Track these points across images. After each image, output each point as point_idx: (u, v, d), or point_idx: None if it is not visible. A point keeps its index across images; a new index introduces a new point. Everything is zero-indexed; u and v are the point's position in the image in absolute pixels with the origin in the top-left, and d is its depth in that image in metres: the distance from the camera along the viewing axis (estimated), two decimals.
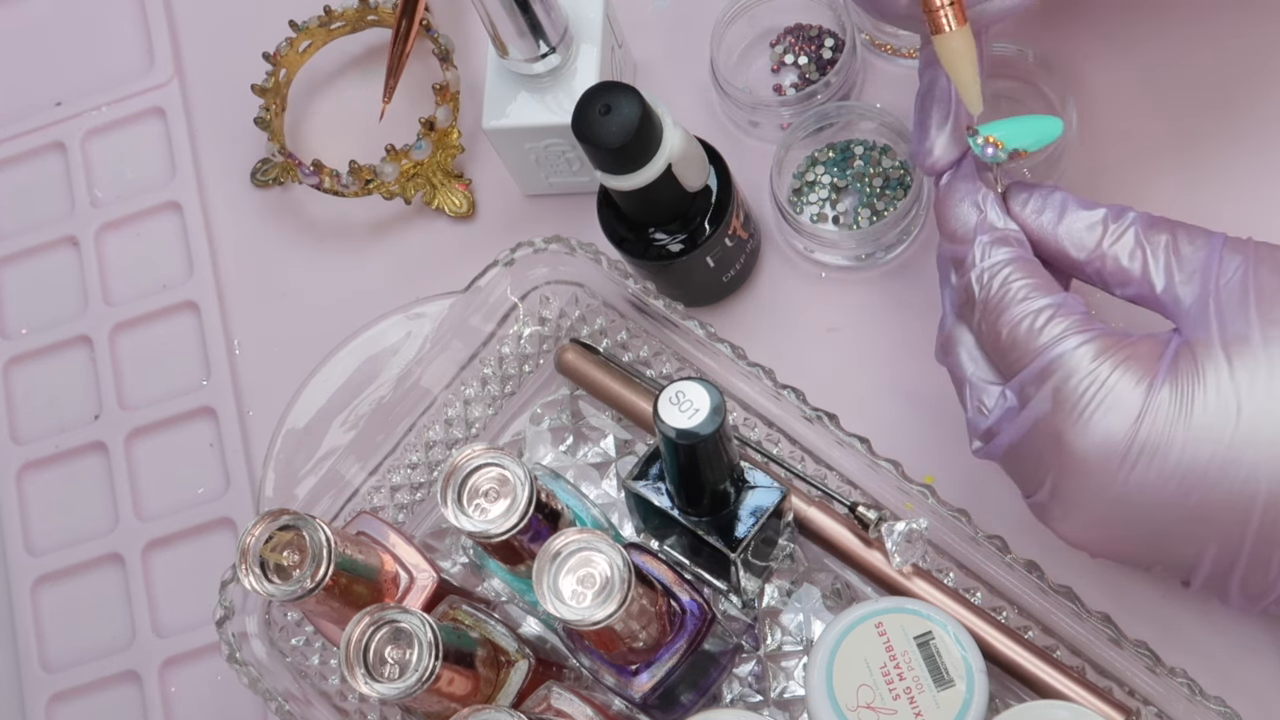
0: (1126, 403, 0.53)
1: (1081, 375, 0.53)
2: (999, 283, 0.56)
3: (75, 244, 0.81)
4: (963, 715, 0.54)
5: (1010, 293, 0.55)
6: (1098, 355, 0.53)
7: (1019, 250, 0.56)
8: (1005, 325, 0.55)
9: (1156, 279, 0.55)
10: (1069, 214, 0.57)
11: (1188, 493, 0.52)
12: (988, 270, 0.56)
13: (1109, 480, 0.53)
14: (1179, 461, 0.52)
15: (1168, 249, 0.55)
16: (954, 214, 0.58)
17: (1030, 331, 0.55)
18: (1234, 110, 0.69)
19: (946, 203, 0.58)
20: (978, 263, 0.56)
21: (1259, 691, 0.61)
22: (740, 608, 0.65)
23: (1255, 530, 0.52)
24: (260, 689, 0.61)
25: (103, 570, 0.75)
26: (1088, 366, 0.53)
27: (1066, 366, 0.54)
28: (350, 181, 0.74)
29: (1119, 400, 0.53)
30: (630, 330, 0.67)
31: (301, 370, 0.67)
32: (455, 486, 0.56)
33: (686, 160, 0.63)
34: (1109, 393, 0.53)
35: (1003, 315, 0.55)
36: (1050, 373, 0.54)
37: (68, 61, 0.85)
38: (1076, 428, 0.53)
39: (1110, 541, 0.55)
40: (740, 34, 0.74)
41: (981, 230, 0.57)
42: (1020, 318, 0.55)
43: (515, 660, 0.61)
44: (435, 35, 0.75)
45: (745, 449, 0.63)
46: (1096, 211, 0.57)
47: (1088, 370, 0.53)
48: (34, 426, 0.79)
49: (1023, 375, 0.55)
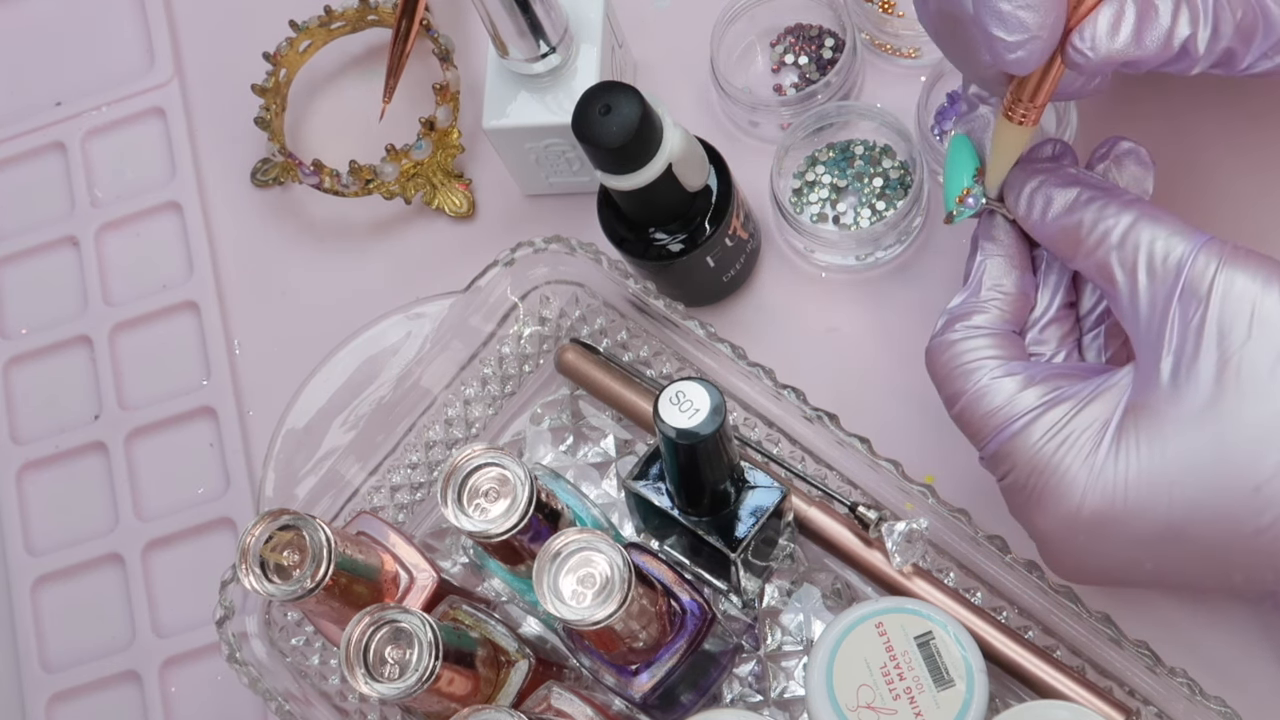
0: (1070, 484, 0.53)
1: (1025, 462, 0.54)
2: (956, 354, 0.56)
3: (75, 244, 0.81)
4: (963, 715, 0.54)
5: (965, 366, 0.56)
6: (1043, 434, 0.54)
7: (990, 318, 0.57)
8: (962, 400, 0.56)
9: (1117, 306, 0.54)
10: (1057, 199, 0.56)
11: (1140, 562, 0.54)
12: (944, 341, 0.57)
13: (1069, 551, 0.54)
14: (1130, 533, 0.53)
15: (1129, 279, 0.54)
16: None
17: (984, 414, 0.55)
18: (1234, 107, 0.69)
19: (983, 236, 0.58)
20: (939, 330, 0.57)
21: (1259, 691, 0.61)
22: (740, 608, 0.65)
23: (1218, 585, 0.54)
24: (260, 689, 0.61)
25: (103, 570, 0.75)
26: (1031, 451, 0.54)
27: (1013, 454, 0.54)
28: (350, 181, 0.74)
29: (1063, 482, 0.53)
30: (630, 330, 0.67)
31: (301, 370, 0.67)
32: (455, 486, 0.56)
33: (686, 160, 0.63)
34: (1052, 474, 0.53)
35: (961, 392, 0.56)
36: (1001, 459, 0.55)
37: (68, 61, 0.85)
38: (1031, 510, 0.54)
39: (1093, 580, 0.56)
40: (740, 34, 0.74)
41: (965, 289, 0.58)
42: (977, 396, 0.55)
43: (515, 660, 0.61)
44: (435, 35, 0.75)
45: (745, 449, 0.63)
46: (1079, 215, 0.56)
47: (1032, 455, 0.54)
48: (34, 426, 0.79)
49: (983, 453, 0.56)
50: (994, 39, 0.50)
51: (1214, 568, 0.53)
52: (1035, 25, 0.49)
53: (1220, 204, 0.68)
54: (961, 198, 0.57)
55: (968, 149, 0.58)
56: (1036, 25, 0.49)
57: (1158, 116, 0.69)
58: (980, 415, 0.55)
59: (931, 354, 0.57)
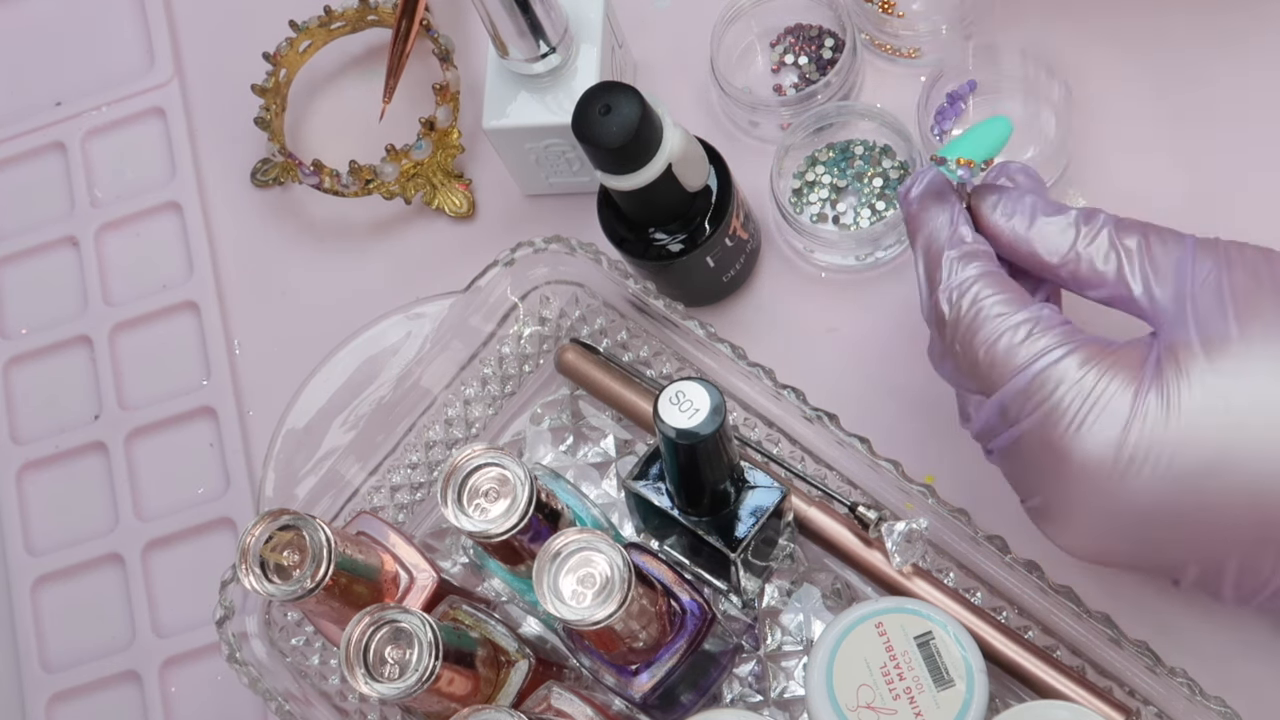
0: (1116, 410, 0.53)
1: (1069, 386, 0.53)
2: (970, 300, 0.55)
3: (75, 244, 0.81)
4: (963, 715, 0.54)
5: (983, 310, 0.55)
6: (1082, 364, 0.53)
7: (987, 264, 0.56)
8: (982, 344, 0.55)
9: (1133, 282, 0.55)
10: (1039, 218, 0.56)
11: (1180, 496, 0.52)
12: (956, 288, 0.56)
13: (1104, 487, 0.53)
14: (1170, 464, 0.52)
15: (1141, 251, 0.55)
16: (923, 231, 0.57)
17: (1010, 348, 0.54)
18: (1234, 105, 0.69)
19: (915, 222, 0.58)
20: (945, 280, 0.56)
21: (1259, 691, 0.61)
22: (740, 608, 0.65)
23: (1248, 530, 0.52)
24: (260, 689, 0.61)
25: (103, 570, 0.75)
26: (1074, 376, 0.53)
27: (1053, 379, 0.53)
28: (350, 181, 0.74)
29: (1108, 408, 0.53)
30: (630, 330, 0.67)
31: (301, 370, 0.67)
32: (455, 486, 0.56)
33: (686, 160, 0.63)
34: (1097, 401, 0.53)
35: (978, 334, 0.55)
36: (1036, 388, 0.54)
37: (68, 61, 0.85)
38: (1069, 438, 0.53)
39: (1106, 546, 0.55)
40: (740, 34, 0.74)
41: (949, 245, 0.56)
42: (997, 335, 0.54)
43: (515, 660, 0.61)
44: (435, 35, 0.75)
45: (745, 449, 0.63)
46: (1067, 215, 0.56)
47: (1075, 380, 0.53)
48: (34, 426, 0.79)
49: (1005, 390, 0.54)
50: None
51: (1256, 503, 0.52)
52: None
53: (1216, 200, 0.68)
54: (963, 161, 0.57)
55: (998, 135, 0.57)
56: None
57: (1159, 115, 0.69)
58: (1015, 343, 0.54)
59: (950, 293, 0.56)
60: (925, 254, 0.57)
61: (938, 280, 0.56)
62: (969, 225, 0.57)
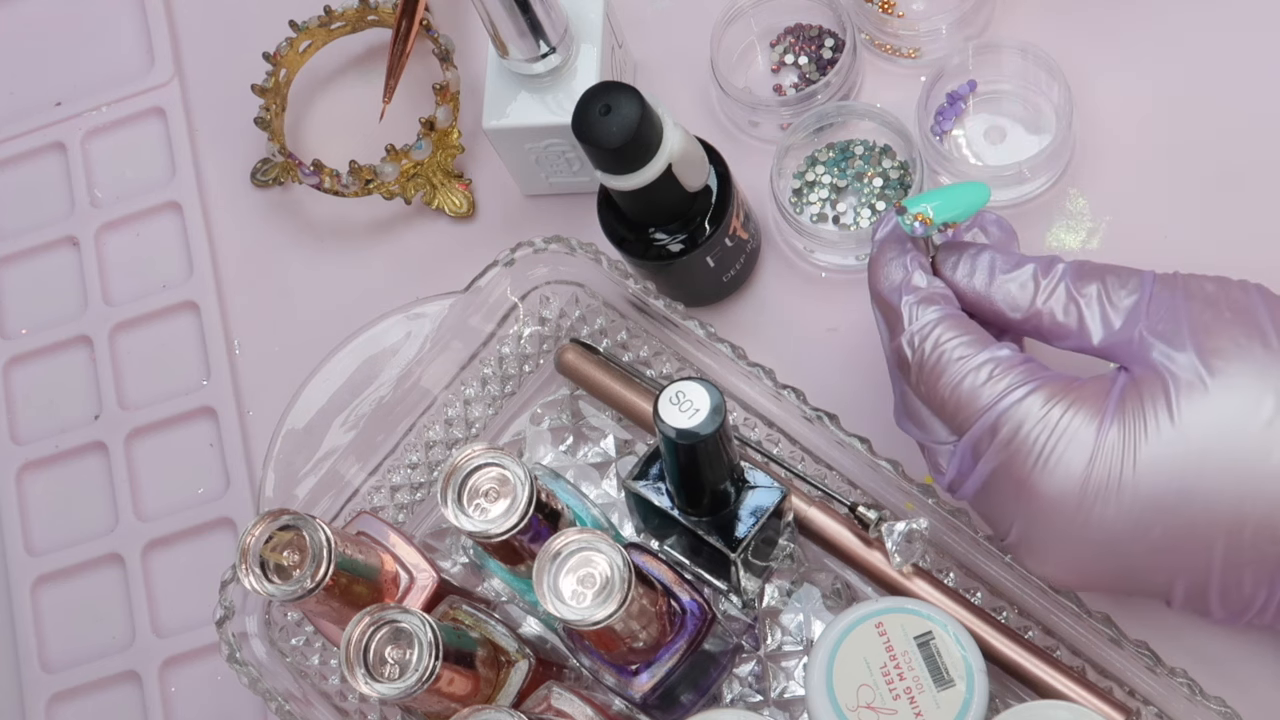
0: (1080, 444, 0.53)
1: (1033, 423, 0.54)
2: (931, 344, 0.56)
3: (75, 244, 0.81)
4: (963, 715, 0.54)
5: (945, 353, 0.55)
6: (1046, 402, 0.54)
7: (947, 308, 0.56)
8: (946, 386, 0.55)
9: (1094, 330, 0.55)
10: (998, 275, 0.57)
11: (1149, 526, 0.53)
12: (917, 333, 0.56)
13: (1074, 519, 0.54)
14: (1135, 496, 0.53)
15: (1100, 298, 0.56)
16: (882, 276, 0.58)
17: (973, 390, 0.55)
18: (1235, 110, 0.69)
19: (875, 267, 0.58)
20: (907, 326, 0.56)
21: (1259, 691, 0.61)
22: (740, 608, 0.65)
23: (1221, 555, 0.53)
24: (260, 689, 0.61)
25: (103, 570, 0.75)
26: (1038, 414, 0.54)
27: (1016, 417, 0.54)
28: (350, 181, 0.74)
29: (1073, 443, 0.53)
30: (630, 330, 0.67)
31: (301, 370, 0.67)
32: (455, 486, 0.56)
33: (686, 160, 0.63)
34: (1062, 436, 0.53)
35: (941, 377, 0.55)
36: (1001, 425, 0.54)
37: (68, 61, 0.85)
38: (1035, 474, 0.54)
39: (1084, 577, 0.56)
40: (740, 34, 0.74)
41: (906, 291, 0.57)
42: (960, 377, 0.55)
43: (515, 660, 0.61)
44: (435, 35, 0.75)
45: (745, 449, 0.63)
46: (1025, 269, 0.57)
47: (1039, 418, 0.54)
48: (34, 426, 0.79)
49: (973, 432, 0.55)
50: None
51: (1224, 528, 0.52)
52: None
53: (1220, 204, 0.68)
54: (922, 218, 0.56)
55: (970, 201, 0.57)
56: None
57: (1160, 115, 0.69)
58: (978, 384, 0.55)
59: (912, 339, 0.56)
60: (885, 304, 0.58)
61: (899, 327, 0.57)
62: (925, 270, 0.57)
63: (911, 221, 0.56)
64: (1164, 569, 0.54)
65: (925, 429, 0.58)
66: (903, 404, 0.59)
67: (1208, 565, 0.53)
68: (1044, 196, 0.69)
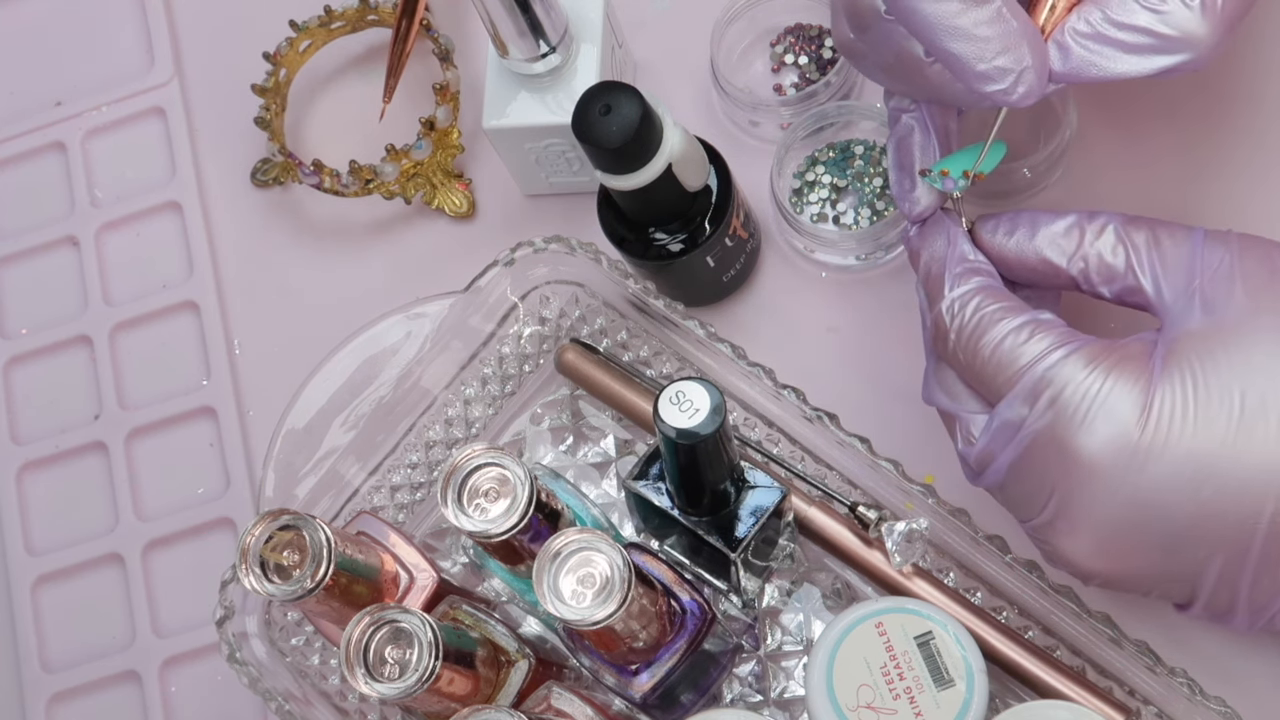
0: (1128, 402, 0.52)
1: (1078, 383, 0.53)
2: (972, 309, 0.56)
3: (75, 244, 0.81)
4: (963, 715, 0.54)
5: (986, 316, 0.55)
6: (1089, 362, 0.53)
7: (988, 279, 0.56)
8: (986, 347, 0.55)
9: (1142, 275, 0.55)
10: (1042, 226, 0.57)
11: (1199, 486, 0.52)
12: (958, 299, 0.56)
13: (1120, 482, 0.52)
14: (1189, 454, 0.52)
15: (1149, 244, 0.55)
16: (928, 252, 0.58)
17: (1013, 350, 0.54)
18: (1236, 107, 0.69)
19: (921, 241, 0.58)
20: (948, 293, 0.56)
21: (1259, 691, 0.61)
22: (740, 608, 0.65)
23: (1269, 520, 0.51)
24: (260, 689, 0.61)
25: (103, 570, 0.75)
26: (1082, 374, 0.53)
27: (1061, 377, 0.53)
28: (350, 181, 0.74)
29: (1120, 400, 0.52)
30: (630, 330, 0.67)
31: (301, 370, 0.67)
32: (455, 486, 0.56)
33: (686, 160, 0.63)
34: (1109, 394, 0.52)
35: (982, 338, 0.55)
36: (1044, 386, 0.53)
37: (68, 61, 0.85)
38: (1082, 433, 0.52)
39: (1119, 553, 0.54)
40: (740, 34, 0.74)
41: (952, 263, 0.57)
42: (1000, 337, 0.55)
43: (515, 660, 0.61)
44: (435, 35, 0.75)
45: (745, 449, 0.63)
46: (1068, 217, 0.57)
47: (1083, 378, 0.53)
48: (34, 426, 0.79)
49: (1012, 395, 0.54)
50: (990, 95, 0.51)
51: (1260, 493, 0.51)
52: (1015, 63, 0.51)
53: (1216, 201, 0.68)
54: (945, 173, 0.57)
55: (990, 155, 0.57)
56: (1016, 62, 0.51)
57: (1160, 115, 0.69)
58: (1019, 343, 0.54)
59: (952, 305, 0.56)
60: (926, 276, 0.58)
61: (940, 295, 0.56)
62: (969, 243, 0.57)
63: (938, 177, 0.56)
64: (1208, 537, 0.52)
65: (958, 401, 0.57)
66: (935, 376, 0.58)
67: (1251, 535, 0.52)
68: (1044, 197, 0.69)
